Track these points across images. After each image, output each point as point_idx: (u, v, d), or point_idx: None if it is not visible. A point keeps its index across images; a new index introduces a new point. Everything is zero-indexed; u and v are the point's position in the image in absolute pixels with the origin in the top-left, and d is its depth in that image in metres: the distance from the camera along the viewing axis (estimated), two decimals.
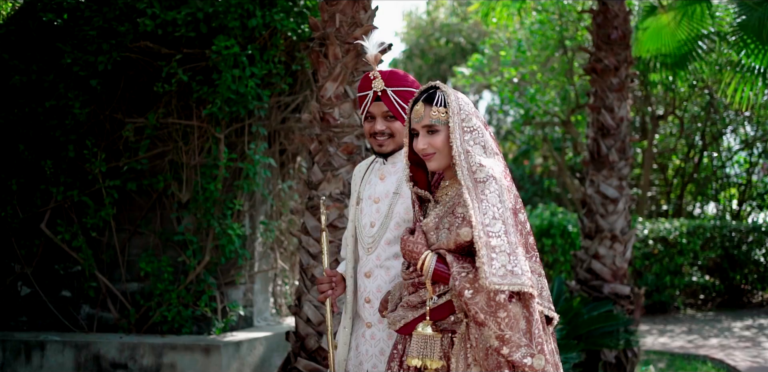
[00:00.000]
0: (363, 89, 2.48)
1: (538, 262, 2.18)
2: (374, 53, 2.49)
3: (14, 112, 5.21)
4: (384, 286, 2.46)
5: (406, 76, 2.50)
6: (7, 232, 5.35)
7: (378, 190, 2.53)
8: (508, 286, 1.96)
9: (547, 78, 10.46)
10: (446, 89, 2.17)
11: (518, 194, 2.16)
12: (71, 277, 5.35)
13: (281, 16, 4.97)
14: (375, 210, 2.51)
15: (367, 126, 2.50)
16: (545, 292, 2.17)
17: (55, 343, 4.96)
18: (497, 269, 1.96)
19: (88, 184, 5.26)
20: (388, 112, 2.45)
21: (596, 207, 5.88)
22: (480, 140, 2.12)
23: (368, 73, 2.47)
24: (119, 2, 5.01)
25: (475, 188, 2.04)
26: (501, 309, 1.98)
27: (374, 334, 2.50)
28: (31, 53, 5.15)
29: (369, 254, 2.50)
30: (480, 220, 2.00)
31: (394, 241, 2.45)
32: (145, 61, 5.16)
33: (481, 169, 2.06)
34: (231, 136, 5.17)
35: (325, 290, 2.56)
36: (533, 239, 2.18)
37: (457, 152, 2.08)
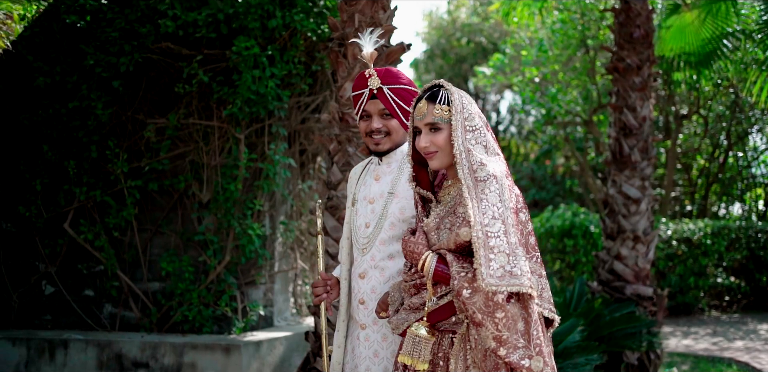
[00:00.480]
0: (358, 88, 2.46)
1: (540, 263, 2.15)
2: (370, 51, 2.48)
3: (38, 113, 5.27)
4: (378, 286, 2.45)
5: (401, 74, 2.49)
6: (31, 232, 5.41)
7: (373, 191, 2.51)
8: (506, 286, 1.94)
9: (568, 77, 10.38)
10: (450, 88, 2.16)
11: (520, 194, 2.14)
12: (94, 276, 5.40)
13: (301, 16, 4.97)
14: (370, 210, 2.49)
15: (363, 125, 2.48)
16: (546, 293, 2.14)
17: (78, 342, 5.01)
18: (495, 270, 1.94)
19: (110, 184, 5.30)
20: (384, 109, 2.44)
21: (618, 207, 5.82)
22: (482, 140, 2.11)
23: (363, 71, 2.47)
24: (141, 4, 5.05)
25: (475, 187, 2.02)
26: (499, 309, 1.96)
27: (368, 335, 2.48)
28: (55, 55, 5.21)
29: (363, 255, 2.49)
30: (479, 219, 1.98)
31: (389, 241, 2.44)
32: (166, 62, 5.20)
33: (482, 168, 2.04)
34: (251, 137, 5.19)
35: (319, 294, 2.55)
36: (535, 239, 2.15)
37: (459, 150, 2.07)
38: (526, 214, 2.12)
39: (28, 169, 5.31)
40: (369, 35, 2.50)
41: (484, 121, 2.17)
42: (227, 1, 5.00)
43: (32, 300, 5.47)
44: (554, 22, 10.09)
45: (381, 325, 2.46)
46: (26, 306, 5.46)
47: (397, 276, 2.44)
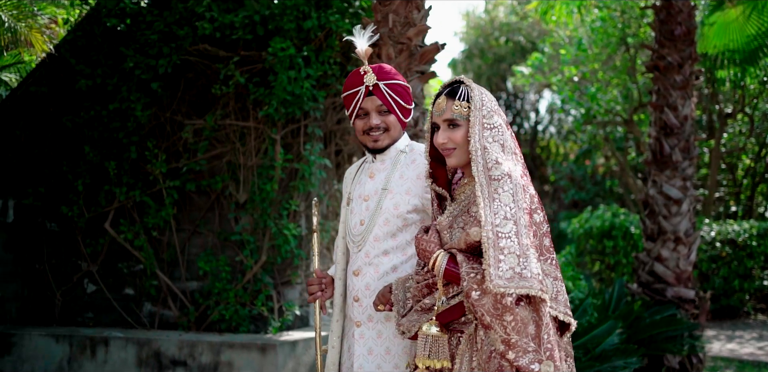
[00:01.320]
0: (352, 86, 2.44)
1: (555, 265, 2.09)
2: (364, 47, 2.46)
3: (80, 115, 5.37)
4: (373, 283, 2.43)
5: (393, 70, 2.48)
6: (74, 231, 5.52)
7: (367, 188, 2.50)
8: (515, 289, 1.89)
9: (608, 76, 10.23)
10: (470, 84, 2.12)
11: (536, 194, 2.09)
12: (134, 275, 5.49)
13: (336, 17, 4.99)
14: (365, 208, 2.48)
15: (360, 123, 2.46)
16: (561, 296, 2.08)
17: (119, 340, 5.09)
18: (504, 272, 1.89)
19: (149, 184, 5.39)
20: (382, 106, 2.42)
21: (659, 208, 5.72)
22: (499, 138, 2.06)
23: (357, 69, 2.45)
24: (179, 6, 5.12)
25: (488, 186, 1.98)
26: (507, 312, 1.91)
27: (363, 333, 2.46)
28: (96, 58, 5.31)
29: (358, 252, 2.47)
30: (490, 220, 1.94)
31: (383, 238, 2.42)
32: (203, 63, 5.26)
33: (497, 166, 2.00)
34: (287, 137, 5.22)
35: (314, 292, 2.54)
36: (550, 241, 2.10)
37: (475, 148, 2.03)
38: (541, 215, 2.06)
39: (71, 170, 5.42)
40: (362, 31, 2.48)
41: (504, 119, 2.13)
42: (263, 3, 5.04)
43: (75, 298, 5.58)
44: (593, 20, 9.95)
45: (376, 322, 2.44)
46: (69, 304, 5.58)
47: (391, 272, 2.42)
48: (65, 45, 5.40)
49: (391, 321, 2.42)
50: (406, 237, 2.44)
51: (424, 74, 3.94)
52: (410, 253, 2.44)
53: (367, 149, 2.51)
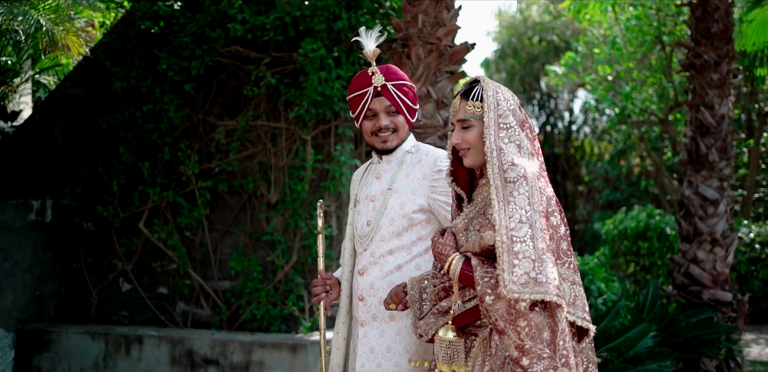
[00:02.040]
0: (360, 87, 2.43)
1: (573, 269, 2.04)
2: (372, 48, 2.45)
3: (115, 116, 5.46)
4: (377, 282, 2.42)
5: (400, 70, 2.48)
6: (109, 231, 5.61)
7: (374, 189, 2.50)
8: (530, 294, 1.84)
9: (643, 75, 10.08)
10: (485, 83, 2.08)
11: (553, 196, 2.04)
12: (167, 274, 5.56)
13: (367, 18, 5.00)
14: (371, 208, 2.47)
15: (368, 124, 2.45)
16: (579, 300, 2.03)
17: (153, 338, 5.16)
18: (519, 277, 1.85)
19: (182, 185, 5.45)
20: (390, 106, 2.42)
21: (695, 209, 5.62)
22: (516, 138, 2.02)
23: (364, 70, 2.45)
24: (211, 9, 5.17)
25: (504, 188, 1.95)
26: (521, 318, 1.87)
27: (366, 332, 2.45)
28: (131, 60, 5.39)
29: (363, 251, 2.47)
30: (504, 223, 1.90)
31: (389, 237, 2.42)
32: (235, 65, 5.31)
33: (512, 168, 1.96)
34: (318, 138, 5.25)
35: (318, 293, 2.53)
36: (568, 244, 2.05)
37: (490, 149, 1.99)
38: (558, 217, 2.02)
39: (106, 171, 5.51)
40: (370, 32, 2.47)
41: (520, 118, 2.08)
42: (294, 4, 5.07)
43: (110, 297, 5.67)
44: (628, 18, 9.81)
45: (380, 322, 2.43)
46: (105, 302, 5.67)
47: (395, 271, 2.42)
48: (101, 48, 5.49)
49: (395, 320, 2.42)
50: (411, 237, 2.43)
51: (453, 74, 3.92)
52: (415, 253, 2.43)
53: (376, 150, 2.51)
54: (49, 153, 5.66)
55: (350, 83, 2.50)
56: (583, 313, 2.02)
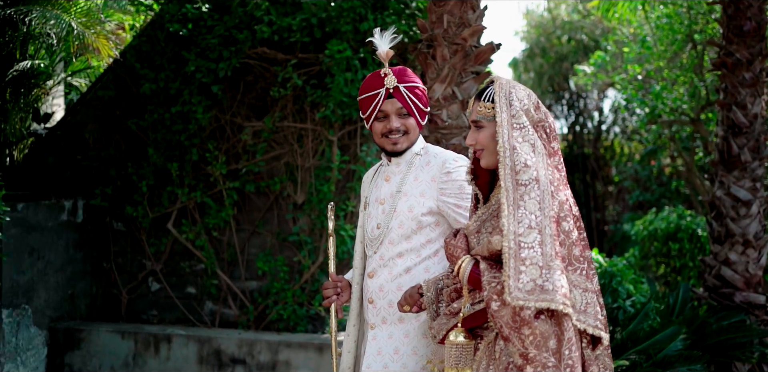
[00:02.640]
0: (372, 88, 2.42)
1: (586, 276, 1.98)
2: (386, 49, 2.44)
3: (145, 117, 5.53)
4: (386, 284, 2.41)
5: (412, 72, 2.46)
6: (138, 231, 5.69)
7: (383, 192, 2.48)
8: (535, 302, 1.81)
9: (674, 74, 9.94)
10: (497, 84, 2.05)
11: (567, 200, 2.00)
12: (196, 274, 5.62)
13: (393, 18, 5.00)
14: (381, 211, 2.46)
15: (379, 126, 2.44)
16: (591, 308, 1.97)
17: (181, 337, 5.22)
18: (525, 284, 1.82)
19: (210, 185, 5.50)
20: (402, 108, 2.40)
21: (726, 210, 5.53)
22: (529, 138, 1.98)
23: (377, 71, 2.44)
24: (239, 11, 5.22)
25: (515, 191, 1.91)
26: (525, 326, 1.84)
27: (376, 334, 2.44)
28: (160, 62, 5.45)
29: (373, 254, 2.46)
30: (513, 229, 1.87)
31: (398, 240, 2.41)
32: (262, 66, 5.35)
33: (525, 170, 1.92)
34: (344, 139, 5.26)
35: (329, 296, 2.52)
36: (581, 250, 1.99)
37: (503, 148, 1.95)
38: (571, 222, 1.97)
39: (135, 172, 5.58)
40: (384, 33, 2.47)
41: (536, 119, 2.05)
42: (320, 6, 5.09)
43: (140, 296, 5.74)
44: (659, 16, 9.68)
45: (390, 324, 2.42)
46: (134, 301, 5.74)
47: (404, 273, 2.40)
48: (130, 50, 5.56)
49: (404, 322, 2.41)
50: (420, 239, 2.42)
51: (479, 75, 3.90)
52: (424, 255, 2.42)
53: (386, 152, 2.49)
54: (80, 154, 5.76)
55: (362, 84, 2.49)
56: (595, 320, 1.96)
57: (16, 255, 5.04)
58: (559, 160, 2.06)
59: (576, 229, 2.00)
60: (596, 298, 1.99)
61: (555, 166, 2.04)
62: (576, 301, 1.92)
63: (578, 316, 1.93)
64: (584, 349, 1.98)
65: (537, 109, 2.06)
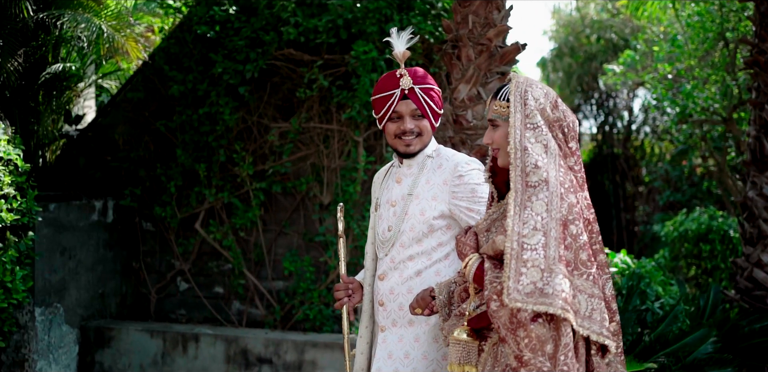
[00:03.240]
0: (387, 88, 2.40)
1: (593, 281, 1.92)
2: (402, 50, 2.42)
3: (173, 119, 5.59)
4: (397, 287, 2.40)
5: (427, 74, 2.44)
6: (167, 231, 5.75)
7: (394, 194, 2.47)
8: (533, 305, 1.77)
9: (705, 73, 9.79)
10: (513, 83, 2.02)
11: (576, 203, 1.94)
12: (223, 274, 5.67)
13: (418, 19, 5.00)
14: (392, 213, 2.45)
15: (393, 126, 2.42)
16: (598, 314, 1.91)
17: (209, 336, 5.27)
18: (524, 286, 1.79)
19: (237, 186, 5.55)
20: (416, 110, 2.39)
21: (758, 211, 5.43)
22: (542, 138, 1.95)
23: (393, 71, 2.42)
24: (265, 13, 5.25)
25: (523, 192, 1.88)
26: (521, 328, 1.81)
27: (386, 337, 2.43)
28: (188, 64, 5.51)
29: (384, 257, 2.45)
30: (517, 229, 1.83)
31: (409, 243, 2.39)
32: (288, 68, 5.38)
33: (535, 171, 1.89)
34: (369, 139, 5.27)
35: (341, 297, 2.51)
36: (589, 254, 1.94)
37: (514, 149, 1.92)
38: (580, 226, 1.92)
39: (164, 172, 5.64)
40: (402, 33, 2.44)
41: (552, 118, 2.01)
42: (346, 7, 5.10)
43: (168, 295, 5.81)
44: (690, 14, 9.54)
45: (400, 327, 2.41)
46: (163, 301, 5.81)
47: (415, 276, 2.39)
48: (159, 52, 5.63)
49: (413, 326, 2.39)
50: (431, 242, 2.41)
51: (504, 75, 3.89)
52: (435, 258, 2.41)
53: (398, 153, 2.48)
54: (110, 155, 5.84)
55: (376, 83, 2.48)
56: (600, 328, 1.90)
57: (48, 254, 5.12)
58: (577, 160, 2.03)
59: (587, 232, 1.96)
60: (603, 304, 1.94)
61: (570, 167, 2.01)
62: (580, 307, 1.87)
63: (582, 322, 1.88)
64: (593, 356, 1.93)
65: (555, 108, 2.03)
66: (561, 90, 14.97)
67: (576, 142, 2.05)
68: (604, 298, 1.95)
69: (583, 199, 2.01)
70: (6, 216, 4.25)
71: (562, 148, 2.00)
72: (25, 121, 5.29)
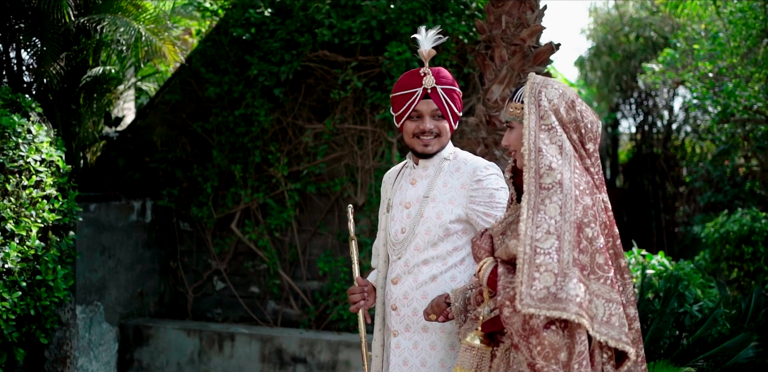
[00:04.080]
0: (409, 86, 2.36)
1: (610, 285, 1.85)
2: (428, 49, 2.38)
3: (209, 120, 5.67)
4: (411, 292, 2.36)
5: (450, 75, 2.40)
6: (204, 231, 5.83)
7: (409, 195, 2.42)
8: (546, 310, 1.71)
9: (748, 71, 9.58)
10: (528, 84, 1.99)
11: (592, 205, 1.88)
12: (259, 274, 5.73)
13: (452, 20, 4.99)
14: (406, 215, 2.40)
15: (412, 125, 2.38)
16: (617, 319, 1.83)
17: (244, 336, 5.33)
18: (538, 291, 1.72)
19: (272, 187, 5.60)
20: (437, 110, 2.35)
21: None
22: (557, 139, 1.90)
23: (416, 69, 2.38)
24: (300, 15, 5.29)
25: (537, 195, 1.83)
26: (533, 335, 1.75)
27: (399, 343, 2.38)
28: (224, 66, 5.58)
29: (397, 260, 2.40)
30: (530, 233, 1.78)
31: (424, 247, 2.35)
32: (323, 69, 5.41)
33: (549, 173, 1.84)
34: (403, 140, 5.27)
35: (357, 300, 2.48)
36: (606, 258, 1.86)
37: (528, 150, 1.88)
38: (596, 229, 1.85)
39: (201, 173, 5.72)
40: (429, 32, 2.41)
41: (567, 119, 1.96)
42: (380, 8, 5.12)
43: (205, 294, 5.89)
44: (732, 11, 9.35)
45: (413, 332, 2.36)
46: (200, 300, 5.89)
47: (430, 281, 2.35)
48: (196, 55, 5.71)
49: (428, 332, 2.35)
50: (447, 247, 2.36)
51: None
52: (450, 263, 2.36)
53: (415, 153, 2.44)
54: (148, 156, 5.94)
55: (397, 81, 2.44)
56: (619, 333, 1.82)
57: (89, 254, 5.23)
58: (594, 161, 1.98)
59: (603, 235, 1.90)
60: (622, 309, 1.87)
61: (587, 168, 1.95)
62: (597, 312, 1.81)
63: (599, 327, 1.81)
64: (604, 365, 1.86)
65: (571, 109, 1.98)
66: (599, 89, 14.80)
67: (594, 143, 2.00)
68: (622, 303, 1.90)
69: (600, 201, 1.95)
70: (48, 216, 4.35)
71: (578, 149, 1.95)
72: (66, 124, 5.41)
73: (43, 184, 4.37)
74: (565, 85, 2.05)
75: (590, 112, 2.02)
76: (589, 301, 1.78)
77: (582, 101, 2.03)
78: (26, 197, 4.24)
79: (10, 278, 4.10)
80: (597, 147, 2.01)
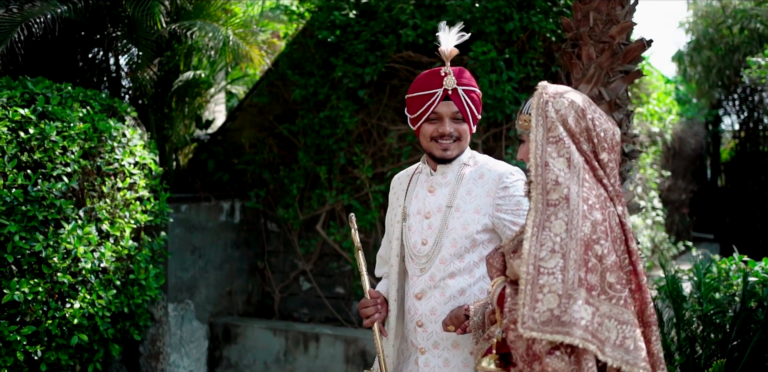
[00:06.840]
0: (429, 87, 2.21)
1: (623, 305, 1.70)
2: (450, 47, 2.23)
3: (295, 123, 5.73)
4: (438, 307, 2.21)
5: (471, 76, 2.25)
6: (290, 232, 5.91)
7: (429, 204, 2.26)
8: (549, 335, 1.59)
9: None
10: (535, 95, 1.85)
11: (603, 221, 1.73)
12: (344, 275, 5.75)
13: (539, 17, 4.85)
14: (427, 226, 2.25)
15: (430, 128, 2.23)
16: (631, 342, 1.68)
17: (329, 336, 5.36)
18: (540, 314, 1.61)
19: (356, 188, 5.61)
20: (457, 112, 2.20)
21: None
22: (564, 152, 1.76)
23: (436, 69, 2.23)
24: (384, 16, 5.27)
25: (543, 211, 1.71)
26: (536, 361, 1.62)
27: (428, 361, 2.24)
28: (309, 69, 5.63)
29: (421, 274, 2.25)
30: (534, 252, 1.66)
31: (450, 260, 2.20)
32: (407, 70, 5.37)
33: (555, 188, 1.72)
34: (488, 141, 5.17)
35: (371, 314, 2.31)
36: (618, 277, 1.71)
37: (534, 165, 1.76)
38: (606, 245, 1.71)
39: (287, 175, 5.79)
40: (452, 29, 2.28)
41: (576, 129, 1.81)
42: (465, 7, 5.03)
43: (291, 294, 5.96)
44: None
45: (443, 349, 2.22)
46: (286, 300, 5.97)
47: (459, 296, 2.21)
48: (282, 58, 5.79)
49: (459, 348, 2.22)
50: (473, 258, 2.22)
51: (628, 74, 3.68)
52: (478, 276, 2.22)
53: (433, 158, 2.29)
54: (236, 158, 6.07)
55: (414, 81, 2.31)
56: (635, 358, 1.67)
57: (180, 253, 5.39)
58: (609, 172, 1.84)
59: (614, 252, 1.74)
60: (639, 331, 1.72)
61: (599, 180, 1.81)
62: (610, 335, 1.67)
63: (611, 351, 1.66)
64: None
65: (581, 118, 1.83)
66: (699, 85, 14.16)
67: (609, 152, 1.85)
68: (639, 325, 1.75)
69: (614, 215, 1.80)
70: (141, 217, 4.50)
71: (589, 160, 1.81)
72: (159, 127, 5.60)
73: (136, 186, 4.52)
74: (578, 93, 1.92)
75: (604, 120, 1.87)
76: (599, 324, 1.65)
77: (596, 109, 1.89)
78: (120, 199, 4.40)
79: (105, 277, 4.27)
80: (615, 157, 1.86)
